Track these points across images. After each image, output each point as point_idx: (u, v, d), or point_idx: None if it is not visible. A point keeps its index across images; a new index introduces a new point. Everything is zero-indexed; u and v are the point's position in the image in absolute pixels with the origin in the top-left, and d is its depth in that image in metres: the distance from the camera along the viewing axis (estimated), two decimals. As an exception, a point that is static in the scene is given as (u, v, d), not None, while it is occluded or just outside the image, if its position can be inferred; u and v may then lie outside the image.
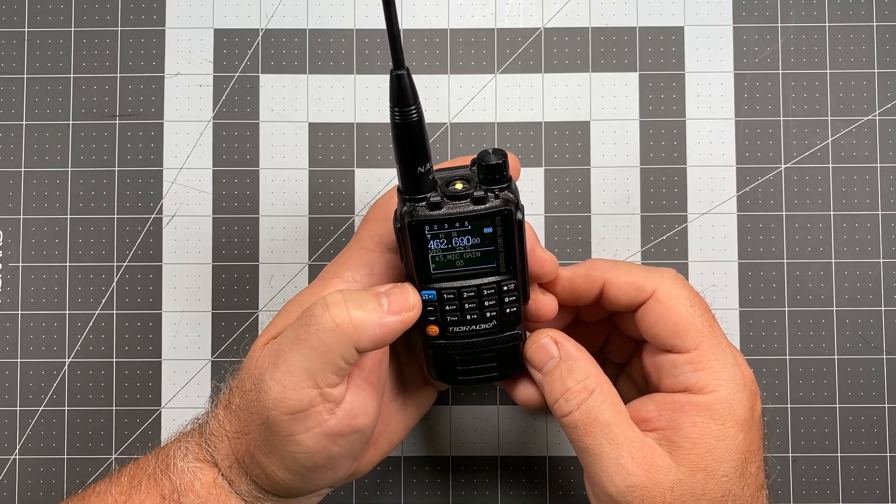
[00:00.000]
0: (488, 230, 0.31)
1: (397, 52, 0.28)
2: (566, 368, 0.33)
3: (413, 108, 0.28)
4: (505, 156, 0.30)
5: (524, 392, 0.36)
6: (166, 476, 0.32)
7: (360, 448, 0.33)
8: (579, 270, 0.34)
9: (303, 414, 0.30)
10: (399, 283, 0.32)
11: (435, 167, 0.30)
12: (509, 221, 0.30)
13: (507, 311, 0.32)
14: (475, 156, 0.31)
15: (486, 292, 0.32)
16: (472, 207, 0.30)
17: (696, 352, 0.32)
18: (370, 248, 0.33)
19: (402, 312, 0.31)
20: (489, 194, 0.30)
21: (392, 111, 0.28)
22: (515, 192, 0.31)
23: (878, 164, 0.42)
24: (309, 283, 0.41)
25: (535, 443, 0.42)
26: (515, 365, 0.34)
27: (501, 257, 0.31)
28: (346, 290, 0.31)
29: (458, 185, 0.30)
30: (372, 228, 0.33)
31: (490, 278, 0.32)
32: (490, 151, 0.30)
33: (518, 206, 0.30)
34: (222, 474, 0.33)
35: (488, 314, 0.32)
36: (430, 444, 0.42)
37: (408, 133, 0.29)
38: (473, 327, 0.32)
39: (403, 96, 0.28)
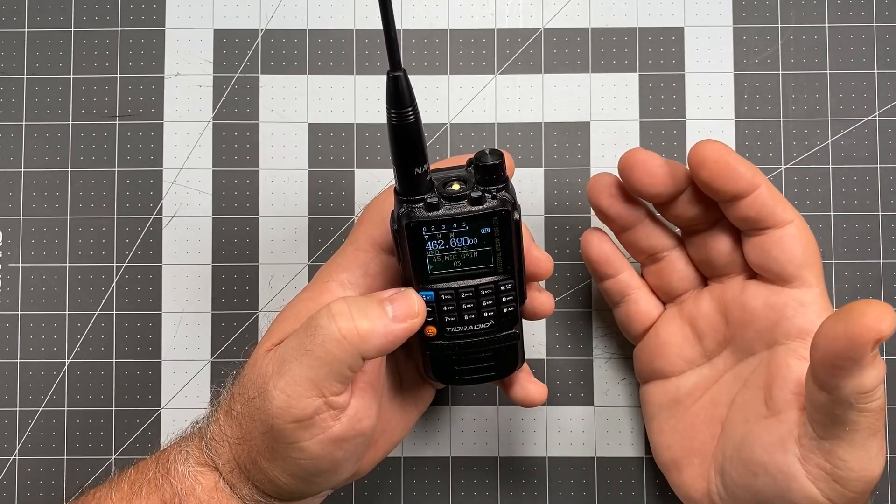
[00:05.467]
0: (486, 230, 0.31)
1: (394, 54, 0.28)
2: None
3: (410, 109, 0.28)
4: (502, 156, 0.30)
5: (521, 390, 0.36)
6: (167, 481, 0.32)
7: (362, 450, 0.33)
8: (744, 162, 0.33)
9: (308, 422, 0.30)
10: (402, 289, 0.32)
11: (431, 167, 0.30)
12: (507, 222, 0.30)
13: (505, 310, 0.32)
14: (471, 155, 0.31)
15: (483, 292, 0.32)
16: (469, 208, 0.30)
17: (819, 290, 0.33)
18: (365, 249, 0.33)
19: (407, 319, 0.31)
20: (486, 195, 0.30)
21: (389, 113, 0.28)
22: (512, 192, 0.31)
23: (878, 165, 0.42)
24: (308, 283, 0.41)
25: (535, 443, 0.42)
26: (513, 364, 0.34)
27: (499, 257, 0.31)
28: (350, 299, 0.31)
29: (456, 186, 0.30)
30: (366, 230, 0.33)
31: (487, 278, 0.32)
32: (487, 152, 0.30)
33: (515, 206, 0.30)
34: (224, 479, 0.33)
35: (486, 314, 0.32)
36: (430, 445, 0.42)
37: (405, 134, 0.29)
38: (471, 327, 0.32)
39: (400, 98, 0.28)
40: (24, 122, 0.42)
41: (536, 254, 0.34)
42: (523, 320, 0.34)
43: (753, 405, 0.33)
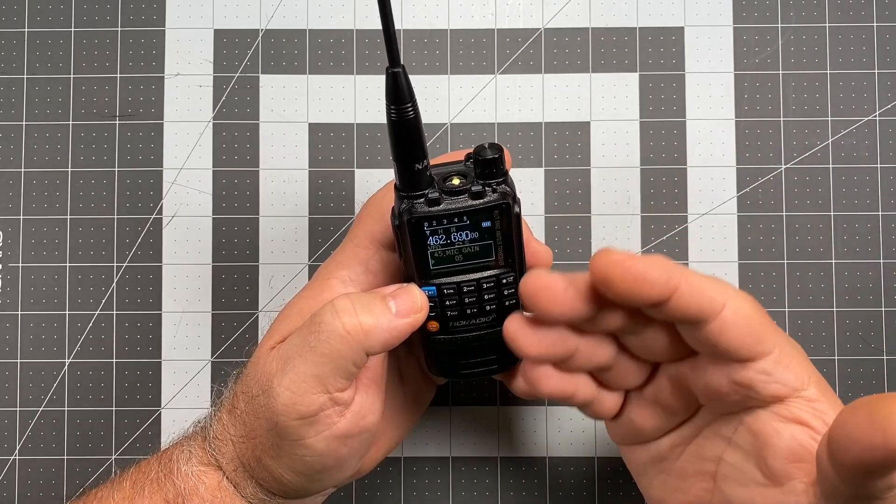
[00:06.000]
0: (486, 224, 0.31)
1: (393, 50, 0.28)
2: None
3: (409, 105, 0.28)
4: (501, 150, 0.30)
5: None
6: (170, 480, 0.32)
7: (366, 447, 0.33)
8: (654, 266, 0.28)
9: (313, 418, 0.30)
10: (404, 284, 0.32)
11: (430, 162, 0.30)
12: (507, 215, 0.30)
13: (507, 303, 0.32)
14: (470, 150, 0.31)
15: (485, 286, 0.32)
16: (470, 202, 0.30)
17: (777, 349, 0.30)
18: (365, 245, 0.33)
19: (410, 314, 0.31)
20: (487, 188, 0.30)
21: (388, 109, 0.29)
22: (512, 185, 0.31)
23: (878, 165, 0.42)
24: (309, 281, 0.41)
25: (535, 443, 0.42)
26: (515, 356, 0.34)
27: (500, 251, 0.31)
28: (353, 295, 0.31)
29: (456, 181, 0.30)
30: (366, 226, 0.33)
31: (489, 272, 0.32)
32: (486, 146, 0.30)
33: (515, 200, 0.31)
34: (227, 478, 0.33)
35: (488, 307, 0.32)
36: (430, 444, 0.42)
37: (404, 130, 0.29)
38: (474, 321, 0.33)
39: (399, 94, 0.28)
40: (24, 122, 0.42)
41: (536, 246, 0.34)
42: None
43: (746, 470, 0.31)
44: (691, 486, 0.33)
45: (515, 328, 0.31)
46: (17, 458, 0.41)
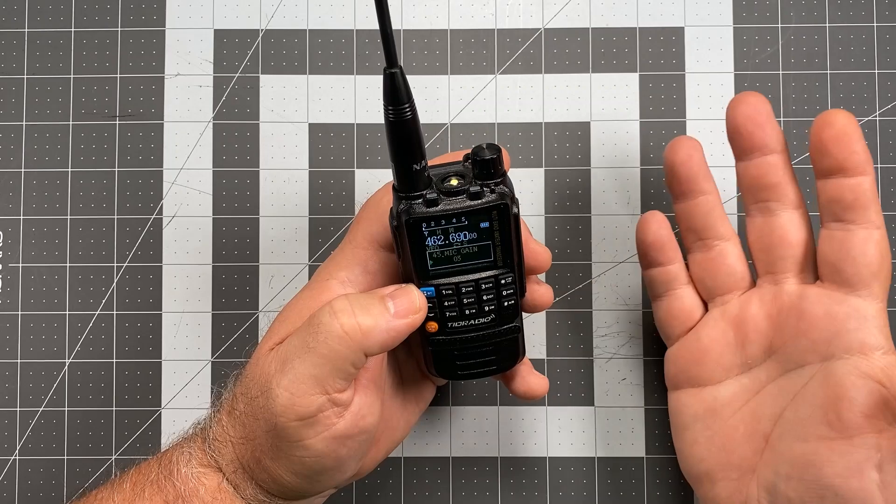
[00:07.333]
0: (485, 225, 0.31)
1: (390, 51, 0.28)
2: None
3: (407, 105, 0.28)
4: (499, 150, 0.30)
5: (522, 383, 0.36)
6: (170, 482, 0.32)
7: (366, 448, 0.33)
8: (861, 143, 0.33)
9: (312, 419, 0.30)
10: (403, 285, 0.32)
11: (428, 163, 0.31)
12: (505, 215, 0.30)
13: (506, 304, 0.32)
14: (468, 151, 0.31)
15: (483, 286, 0.32)
16: (468, 203, 0.30)
17: (882, 304, 0.32)
18: (363, 246, 0.33)
19: (409, 315, 0.31)
20: (485, 189, 0.30)
21: (386, 109, 0.29)
22: (510, 185, 0.31)
23: (879, 165, 0.42)
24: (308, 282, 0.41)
25: (535, 443, 0.42)
26: (514, 357, 0.35)
27: (498, 251, 0.31)
28: (352, 296, 0.31)
29: (454, 181, 0.30)
30: (364, 227, 0.33)
31: (487, 272, 0.32)
32: (484, 146, 0.30)
33: (513, 200, 0.31)
34: (227, 479, 0.33)
35: (486, 308, 0.32)
36: (430, 445, 0.42)
37: (402, 131, 0.29)
38: (472, 322, 0.33)
39: (397, 94, 0.28)
40: (24, 122, 0.42)
41: (534, 247, 0.34)
42: (523, 314, 0.34)
43: (810, 424, 0.32)
44: (739, 447, 0.34)
45: (686, 144, 0.35)
46: (17, 458, 0.41)
